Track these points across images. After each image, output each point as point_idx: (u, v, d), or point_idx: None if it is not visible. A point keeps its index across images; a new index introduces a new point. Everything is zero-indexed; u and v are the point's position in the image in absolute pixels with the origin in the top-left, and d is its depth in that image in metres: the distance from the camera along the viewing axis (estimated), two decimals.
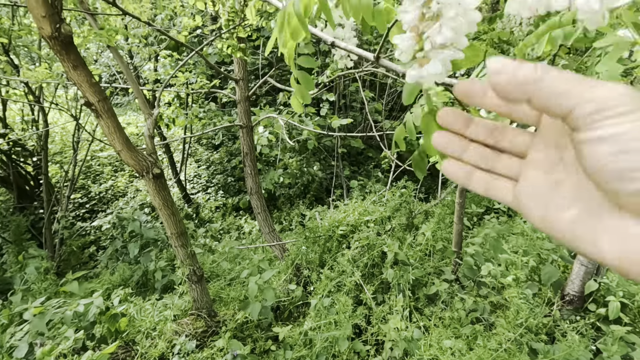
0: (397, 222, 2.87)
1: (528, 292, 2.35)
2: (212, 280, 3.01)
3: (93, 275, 3.70)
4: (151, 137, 2.01)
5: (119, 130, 1.83)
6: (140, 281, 3.18)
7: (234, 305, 2.49)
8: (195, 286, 2.34)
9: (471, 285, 2.66)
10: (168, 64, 5.84)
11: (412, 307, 2.37)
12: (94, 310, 1.82)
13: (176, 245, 2.24)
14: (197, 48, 2.45)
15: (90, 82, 1.68)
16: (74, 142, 4.53)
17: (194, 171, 8.35)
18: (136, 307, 2.17)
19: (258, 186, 3.00)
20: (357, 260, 2.60)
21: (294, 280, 2.77)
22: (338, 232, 2.78)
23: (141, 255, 3.34)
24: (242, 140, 2.95)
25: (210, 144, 8.71)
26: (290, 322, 2.53)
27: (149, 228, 3.62)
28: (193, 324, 2.25)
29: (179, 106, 5.40)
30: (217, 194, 7.62)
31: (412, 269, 2.57)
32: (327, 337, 2.05)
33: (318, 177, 6.36)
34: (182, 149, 7.40)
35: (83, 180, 7.02)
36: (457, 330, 2.16)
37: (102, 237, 5.39)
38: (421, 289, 2.60)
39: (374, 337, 2.22)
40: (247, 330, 2.32)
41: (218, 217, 6.56)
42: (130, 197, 7.10)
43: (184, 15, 3.03)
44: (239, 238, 5.46)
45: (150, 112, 2.06)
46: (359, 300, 2.50)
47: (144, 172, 1.99)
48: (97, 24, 1.86)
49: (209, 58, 4.64)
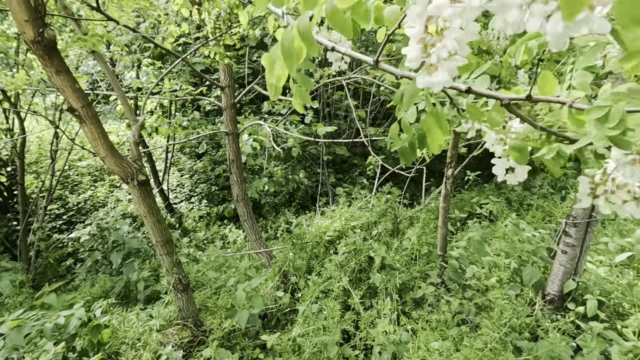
0: (383, 227, 2.91)
1: (511, 293, 2.42)
2: (198, 289, 2.96)
3: (71, 288, 3.57)
4: (136, 144, 1.99)
5: (103, 137, 1.81)
6: (122, 292, 3.09)
7: (221, 314, 2.45)
8: (181, 295, 2.29)
9: (456, 288, 2.71)
10: (151, 72, 5.78)
11: (399, 311, 2.40)
12: (75, 322, 1.76)
13: (162, 253, 2.20)
14: (182, 56, 2.45)
15: (74, 88, 1.66)
16: (52, 150, 4.39)
17: (177, 180, 8.21)
18: (119, 318, 2.11)
19: (244, 193, 2.98)
20: (344, 266, 2.61)
21: (282, 287, 2.75)
22: (325, 238, 2.79)
23: (123, 266, 3.25)
24: (228, 147, 2.94)
25: (194, 153, 8.61)
26: (278, 329, 2.51)
27: (131, 238, 3.53)
28: (179, 334, 2.20)
29: (161, 115, 5.34)
30: (200, 203, 7.51)
31: (399, 273, 2.60)
32: (315, 343, 2.04)
33: (304, 185, 6.37)
34: (165, 158, 7.28)
35: (60, 190, 6.79)
36: (444, 332, 2.19)
37: (80, 249, 5.21)
38: (408, 292, 2.63)
39: (362, 341, 2.22)
40: (235, 338, 2.28)
41: (202, 227, 6.45)
42: (111, 208, 6.90)
43: (169, 24, 3.02)
44: (223, 247, 5.38)
45: (136, 118, 2.04)
46: (347, 305, 2.51)
47: (128, 178, 1.95)
48: (81, 29, 1.84)
49: (196, 66, 4.63)
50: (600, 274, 2.47)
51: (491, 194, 5.24)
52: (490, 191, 5.48)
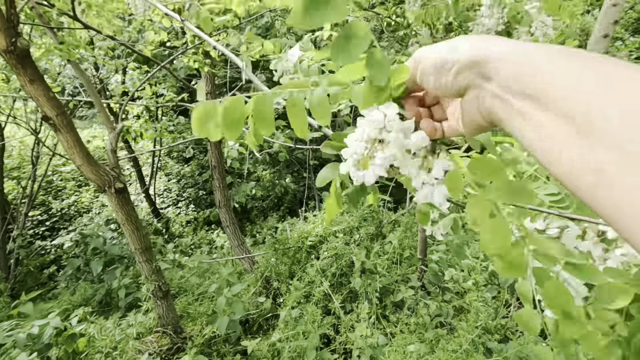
0: (364, 232, 2.95)
1: (487, 295, 2.48)
2: (180, 295, 2.95)
3: (52, 296, 3.51)
4: (113, 151, 1.99)
5: (78, 145, 1.81)
6: (103, 300, 3.06)
7: (202, 321, 2.45)
8: (160, 302, 2.29)
9: (436, 291, 2.76)
10: (136, 77, 5.74)
11: (379, 315, 2.43)
12: (50, 332, 1.74)
13: (141, 260, 2.20)
14: (161, 63, 2.45)
15: (48, 96, 1.66)
16: (33, 156, 4.33)
17: (164, 185, 8.15)
18: (97, 327, 2.09)
19: (227, 199, 2.99)
20: (325, 270, 2.64)
21: (264, 293, 2.77)
22: (307, 243, 2.81)
23: (105, 273, 3.22)
24: (211, 153, 2.95)
25: (181, 157, 8.55)
26: (259, 335, 2.52)
27: (114, 244, 3.50)
28: (158, 342, 2.20)
29: (148, 119, 5.31)
30: (187, 208, 7.46)
31: (380, 277, 2.64)
32: (295, 348, 2.06)
33: (291, 189, 6.39)
34: (152, 162, 7.22)
35: (43, 196, 6.67)
36: (422, 335, 2.23)
37: (63, 255, 5.13)
38: (389, 296, 2.67)
39: (342, 345, 2.25)
40: (215, 345, 2.29)
41: (189, 232, 6.41)
42: (95, 213, 6.81)
43: (151, 30, 3.03)
44: (210, 252, 5.36)
45: (113, 126, 2.04)
46: (327, 309, 2.53)
47: (105, 186, 1.95)
48: (57, 38, 1.84)
49: (180, 71, 4.62)
50: None
51: None
52: None
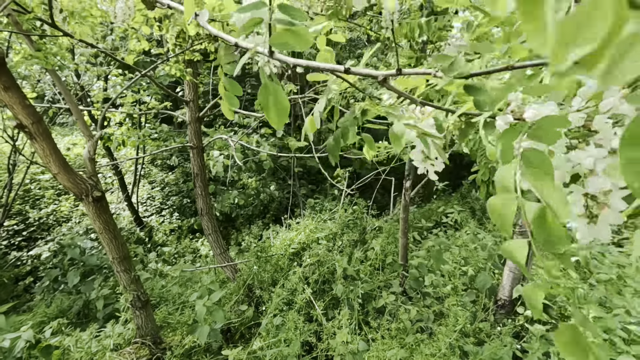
0: (347, 238, 2.97)
1: (466, 299, 2.53)
2: (161, 305, 2.90)
3: (27, 309, 3.40)
4: (91, 160, 1.97)
5: (54, 153, 1.79)
6: (81, 312, 2.99)
7: (182, 330, 2.42)
8: (139, 312, 2.25)
9: (417, 297, 2.80)
10: (119, 84, 5.68)
11: (360, 321, 2.45)
12: (22, 345, 1.70)
13: (119, 270, 2.17)
14: (143, 71, 2.45)
15: (24, 104, 1.64)
16: (9, 164, 4.22)
17: (147, 193, 8.01)
18: (72, 339, 2.05)
19: (209, 207, 2.98)
20: (308, 277, 2.65)
21: (246, 301, 2.75)
22: (290, 251, 2.82)
23: (82, 284, 3.14)
24: (193, 161, 2.94)
25: (165, 165, 8.44)
26: (241, 343, 2.50)
27: (92, 254, 3.43)
28: (136, 353, 2.16)
29: (131, 127, 5.24)
30: (172, 216, 7.35)
31: (362, 283, 2.67)
32: (276, 356, 2.05)
33: (276, 197, 6.38)
34: (135, 170, 7.11)
35: (20, 205, 6.48)
36: (402, 339, 2.26)
37: (40, 267, 4.98)
38: (370, 302, 2.70)
39: (323, 353, 2.25)
40: (195, 355, 2.26)
41: (173, 240, 6.31)
42: (75, 222, 6.64)
43: (134, 37, 3.02)
44: (194, 261, 5.29)
45: (91, 134, 2.03)
46: (310, 317, 2.54)
47: (82, 195, 1.93)
48: (34, 46, 1.83)
49: (162, 79, 4.60)
50: (547, 279, 2.63)
51: (456, 204, 5.44)
52: (455, 200, 5.68)
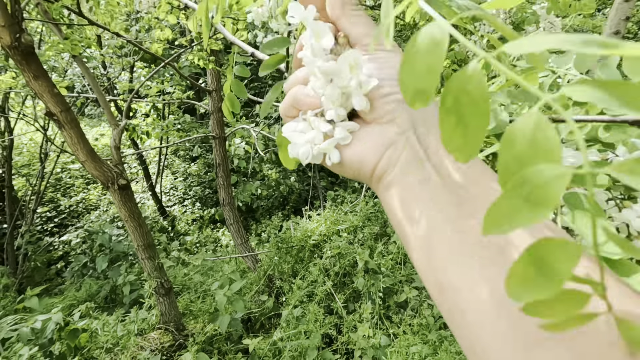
0: (368, 231, 2.92)
1: None
2: (183, 293, 2.95)
3: (58, 292, 3.55)
4: (117, 148, 1.99)
5: (82, 141, 1.81)
6: (108, 297, 3.08)
7: (204, 318, 2.45)
8: (162, 299, 2.29)
9: None
10: (143, 76, 5.78)
11: (381, 315, 2.40)
12: (52, 327, 1.75)
13: (143, 257, 2.20)
14: (173, 56, 2.46)
15: (52, 92, 1.67)
16: (41, 153, 4.39)
17: (170, 183, 8.20)
18: (99, 323, 2.10)
19: (230, 197, 2.99)
20: (328, 270, 2.62)
21: (266, 291, 2.76)
22: (310, 242, 2.80)
23: (110, 270, 3.24)
24: (215, 151, 2.95)
25: (188, 156, 8.60)
26: (261, 333, 2.51)
27: (119, 241, 3.53)
28: (160, 338, 2.20)
29: (156, 118, 5.34)
30: (194, 206, 7.50)
31: (383, 277, 2.61)
32: (296, 348, 2.04)
33: (296, 189, 6.38)
34: (158, 161, 7.28)
35: (52, 193, 6.77)
36: (425, 336, 2.20)
37: (70, 252, 5.19)
38: (392, 296, 2.64)
39: (344, 346, 2.23)
40: (217, 343, 2.28)
41: (194, 230, 6.44)
42: (103, 210, 6.89)
43: (158, 28, 3.04)
44: (215, 251, 5.38)
45: (117, 123, 2.05)
46: (330, 309, 2.51)
47: (109, 183, 1.96)
48: (62, 34, 1.85)
49: (184, 69, 4.64)
50: None
51: None
52: None
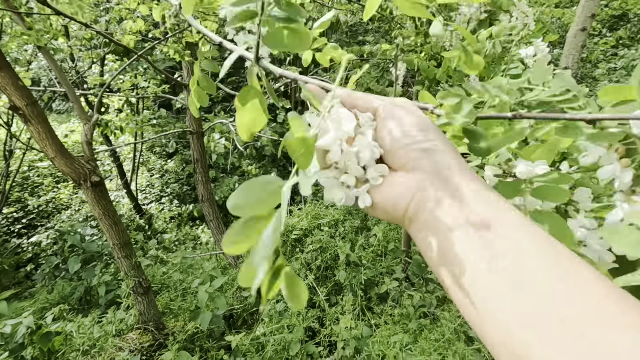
0: (349, 225, 2.95)
1: None
2: (163, 292, 2.89)
3: (28, 295, 3.40)
4: (89, 143, 1.92)
5: (51, 137, 1.73)
6: (82, 298, 2.98)
7: (185, 317, 2.41)
8: (141, 298, 2.24)
9: (420, 282, 2.79)
10: (115, 69, 5.56)
11: (363, 307, 2.44)
12: (23, 331, 1.68)
13: (119, 256, 2.14)
14: (146, 49, 2.38)
15: (17, 85, 1.58)
16: (5, 151, 4.16)
17: (146, 180, 7.97)
18: (74, 325, 2.03)
19: (210, 193, 2.94)
20: (310, 263, 2.63)
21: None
22: (292, 237, 2.80)
23: (83, 271, 3.12)
24: (192, 146, 2.89)
25: (164, 152, 8.38)
26: (244, 329, 2.50)
27: (93, 241, 3.41)
28: (139, 339, 2.15)
29: (129, 113, 5.16)
30: (171, 204, 7.33)
31: (364, 269, 2.65)
32: (279, 342, 2.05)
33: None
34: (133, 157, 7.05)
35: (19, 192, 6.44)
36: (405, 325, 2.26)
37: (41, 253, 4.97)
38: (373, 288, 2.69)
39: (326, 338, 2.25)
40: (198, 340, 2.26)
41: (173, 228, 6.30)
42: (75, 210, 6.62)
43: (129, 19, 2.92)
44: (194, 248, 5.28)
45: (88, 117, 1.97)
46: (312, 303, 2.53)
47: (81, 180, 1.88)
48: (25, 24, 1.75)
49: (159, 63, 4.50)
50: None
51: None
52: None
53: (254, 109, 0.44)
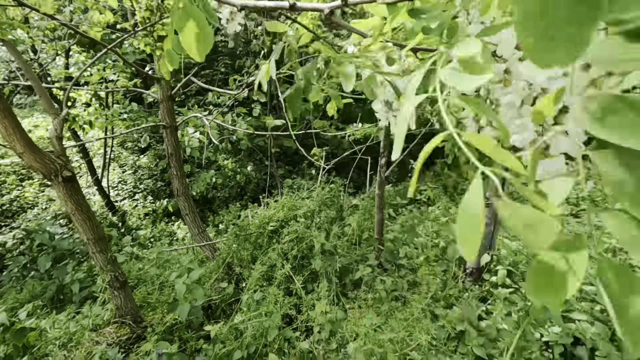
0: (324, 215, 3.04)
1: (438, 269, 2.68)
2: (140, 286, 2.89)
3: None
4: (59, 138, 1.89)
5: (18, 131, 1.71)
6: (55, 297, 2.92)
7: (163, 309, 2.43)
8: (118, 292, 2.24)
9: (392, 268, 2.93)
10: (82, 62, 5.36)
11: (338, 293, 2.55)
12: None
13: (94, 251, 2.13)
14: (116, 42, 2.34)
15: None
16: None
17: (118, 177, 7.76)
18: (48, 321, 2.02)
19: (185, 187, 2.94)
20: (287, 253, 2.71)
21: (226, 279, 2.79)
22: (268, 228, 2.86)
23: (55, 269, 3.06)
24: (166, 140, 2.87)
25: (137, 148, 8.16)
26: (222, 319, 2.55)
27: (63, 239, 3.33)
28: (116, 332, 2.17)
29: (99, 107, 4.99)
30: (145, 200, 7.18)
31: (339, 257, 2.76)
32: (257, 328, 2.12)
33: (253, 178, 6.35)
34: (104, 153, 6.83)
35: None
36: (378, 308, 2.38)
37: (6, 254, 4.77)
38: (348, 275, 2.80)
39: (304, 324, 2.34)
40: (177, 331, 2.29)
41: (148, 224, 6.20)
42: (42, 208, 6.37)
43: (95, 9, 2.85)
44: (171, 244, 5.24)
45: (57, 111, 1.94)
46: (289, 291, 2.61)
47: (52, 175, 1.87)
48: None
49: (130, 56, 4.39)
50: (512, 247, 2.82)
51: (430, 181, 5.63)
52: (429, 178, 5.88)
53: (192, 29, 0.49)
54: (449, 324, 1.83)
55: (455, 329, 1.81)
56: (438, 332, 1.82)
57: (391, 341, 1.75)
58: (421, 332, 1.71)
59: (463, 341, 1.77)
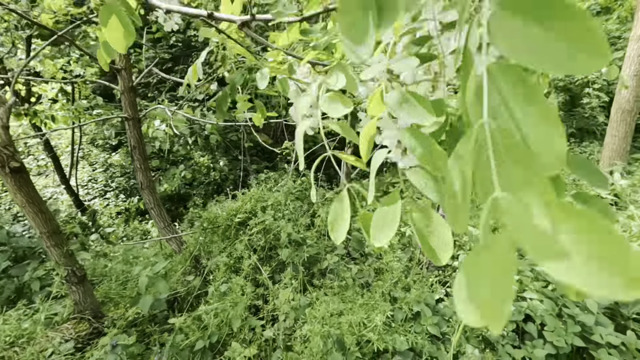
0: (293, 206, 3.05)
1: (402, 255, 2.74)
2: (103, 282, 2.82)
3: None
4: (5, 128, 1.82)
5: None
6: (12, 296, 2.81)
7: (125, 303, 2.39)
8: (76, 288, 2.19)
9: (360, 258, 2.98)
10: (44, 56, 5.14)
11: (305, 282, 2.57)
12: None
13: (49, 245, 2.07)
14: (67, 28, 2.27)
15: None
16: None
17: (88, 175, 7.51)
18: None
19: (150, 180, 2.88)
20: (254, 244, 2.71)
21: (193, 272, 2.76)
22: (236, 220, 2.85)
23: (13, 268, 2.94)
24: (129, 133, 2.80)
25: (107, 145, 7.92)
26: (188, 312, 2.52)
27: (23, 236, 3.20)
28: (75, 328, 2.11)
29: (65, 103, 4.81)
30: (117, 199, 7.00)
31: (307, 247, 2.78)
32: (221, 318, 2.11)
33: (227, 173, 6.29)
34: (71, 151, 6.58)
35: None
36: (344, 295, 2.42)
37: None
38: (316, 265, 2.83)
39: (270, 313, 2.35)
40: (140, 325, 2.25)
41: (120, 223, 6.03)
42: (6, 209, 6.10)
43: None
44: None
45: (4, 100, 1.86)
46: (257, 282, 2.61)
47: None
48: None
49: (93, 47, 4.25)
50: (474, 233, 2.91)
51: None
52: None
53: (116, 27, 0.51)
54: (406, 305, 1.88)
55: (412, 310, 1.86)
56: (395, 313, 1.87)
57: (350, 324, 1.78)
58: (378, 314, 1.75)
59: (419, 321, 1.83)
